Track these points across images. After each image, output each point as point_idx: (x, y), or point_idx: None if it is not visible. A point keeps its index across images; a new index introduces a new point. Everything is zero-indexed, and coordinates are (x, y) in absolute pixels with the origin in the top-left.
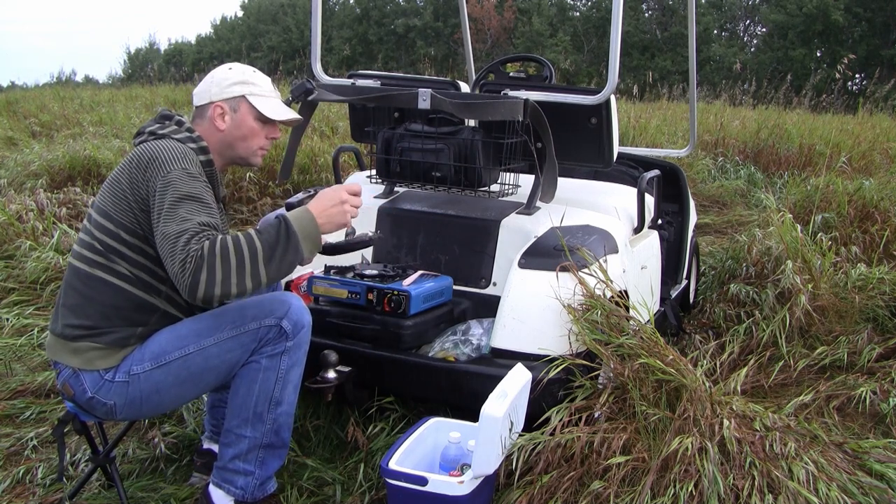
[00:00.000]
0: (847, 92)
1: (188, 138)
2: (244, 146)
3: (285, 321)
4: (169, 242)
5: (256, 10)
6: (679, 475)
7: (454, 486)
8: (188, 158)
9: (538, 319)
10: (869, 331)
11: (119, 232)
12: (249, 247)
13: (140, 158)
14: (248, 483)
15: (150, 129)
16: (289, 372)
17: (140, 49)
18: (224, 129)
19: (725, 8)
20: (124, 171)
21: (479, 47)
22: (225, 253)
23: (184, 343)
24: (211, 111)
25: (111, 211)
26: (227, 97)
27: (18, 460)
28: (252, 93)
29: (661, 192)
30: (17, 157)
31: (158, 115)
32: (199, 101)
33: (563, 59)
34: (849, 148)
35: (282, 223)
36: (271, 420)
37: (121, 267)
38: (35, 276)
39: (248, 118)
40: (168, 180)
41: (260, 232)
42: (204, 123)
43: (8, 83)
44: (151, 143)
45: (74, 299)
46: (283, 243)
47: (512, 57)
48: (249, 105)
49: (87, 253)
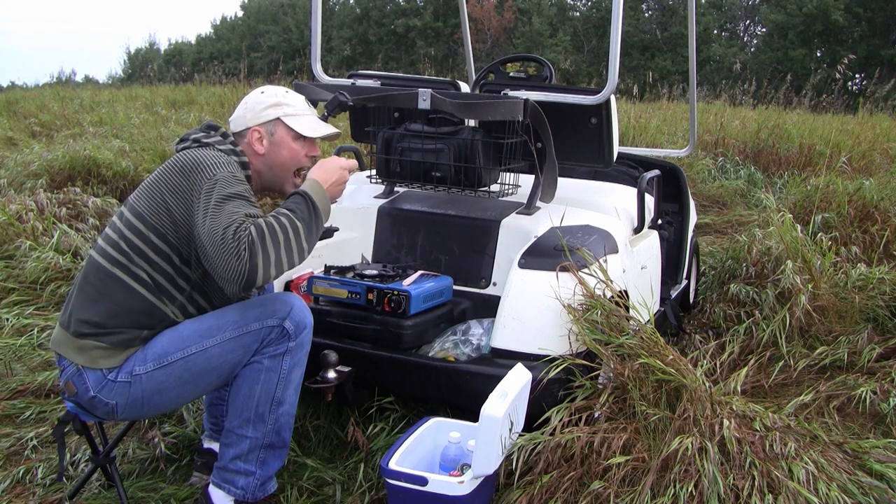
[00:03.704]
0: (847, 92)
1: (231, 151)
2: (283, 170)
3: (288, 322)
4: (216, 239)
5: (256, 10)
6: (679, 475)
7: (454, 486)
8: (233, 166)
9: (538, 319)
10: (869, 331)
11: (150, 235)
12: (291, 225)
13: (184, 164)
14: (248, 483)
15: (195, 136)
16: (291, 372)
17: (140, 49)
18: (264, 153)
19: (725, 8)
20: (164, 175)
21: (479, 47)
22: (273, 234)
23: (186, 344)
24: (249, 136)
25: (145, 213)
26: (262, 121)
27: (18, 460)
28: (286, 113)
29: (661, 192)
30: (17, 157)
31: (204, 124)
32: (235, 128)
33: (563, 59)
34: (849, 148)
35: (307, 199)
36: (273, 420)
37: (141, 270)
38: (35, 276)
39: (286, 139)
40: (215, 181)
41: (291, 209)
42: (244, 146)
43: (8, 83)
44: (195, 151)
45: (88, 293)
46: (314, 217)
47: (512, 57)
48: (286, 126)
49: (110, 250)
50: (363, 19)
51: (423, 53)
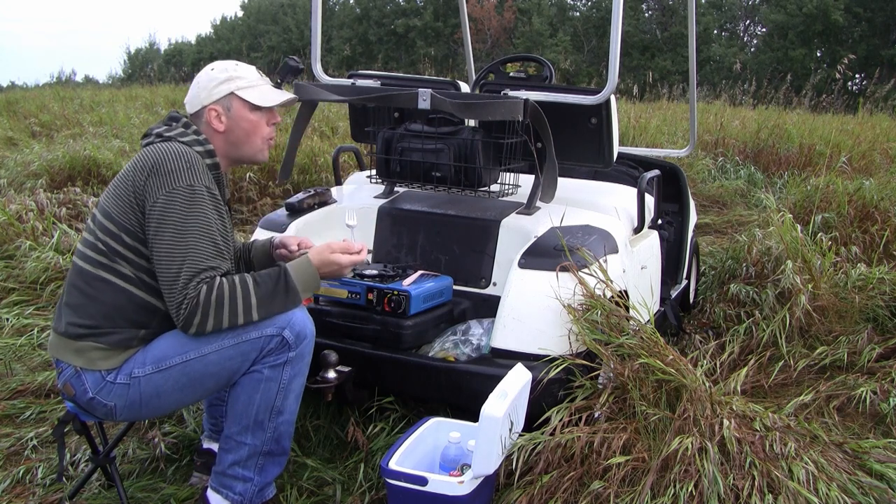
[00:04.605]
0: (847, 92)
1: (195, 141)
2: (249, 143)
3: (287, 331)
4: (168, 278)
5: (256, 10)
6: (679, 475)
7: (454, 486)
8: (194, 167)
9: (538, 319)
10: (869, 331)
11: (121, 234)
12: (244, 298)
13: (145, 162)
14: (246, 489)
15: (158, 130)
16: (291, 382)
17: (140, 49)
18: (224, 130)
19: (725, 8)
20: (129, 173)
21: (479, 47)
22: (220, 301)
23: (185, 349)
24: (206, 115)
25: (113, 212)
26: (217, 98)
27: (18, 460)
28: (240, 87)
29: (661, 192)
30: (17, 157)
31: (167, 116)
32: (191, 108)
33: (563, 59)
34: (849, 148)
35: (282, 277)
36: (272, 429)
37: (124, 268)
38: (35, 276)
39: (243, 112)
40: (171, 199)
41: (258, 283)
42: (203, 128)
43: (8, 83)
44: (158, 146)
45: (77, 299)
46: (282, 295)
47: (512, 57)
48: (241, 100)
49: (90, 253)
50: (363, 19)
51: (423, 53)
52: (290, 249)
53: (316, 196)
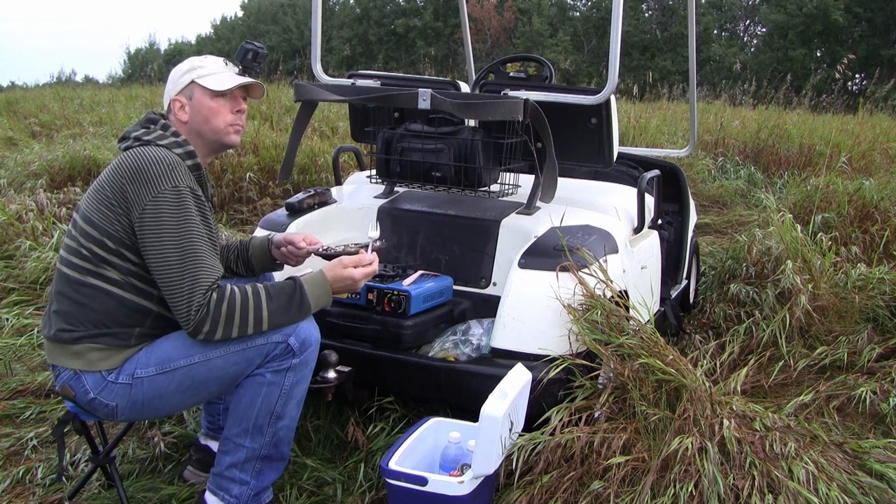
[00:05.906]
0: (847, 92)
1: (174, 143)
2: (210, 128)
3: (293, 338)
4: (172, 285)
5: (256, 10)
6: (679, 475)
7: (454, 486)
8: (176, 169)
9: (538, 319)
10: (869, 331)
11: (104, 239)
12: (256, 311)
13: (125, 167)
14: (242, 492)
15: (136, 134)
16: (293, 388)
17: (140, 49)
18: (187, 120)
19: (725, 8)
20: (108, 178)
21: (479, 47)
22: (231, 312)
23: (190, 353)
24: (172, 107)
25: (94, 218)
26: (180, 89)
27: (18, 460)
28: (200, 75)
29: (661, 192)
30: (17, 157)
31: (144, 118)
32: (165, 104)
33: (563, 59)
34: (849, 148)
35: (297, 292)
36: (271, 433)
37: (111, 273)
38: (35, 276)
39: (203, 100)
40: (158, 205)
41: (272, 296)
42: (172, 121)
43: (8, 83)
44: (137, 151)
45: (66, 306)
46: (295, 310)
47: (512, 57)
48: (201, 87)
49: (75, 260)
50: (363, 19)
51: (423, 53)
52: (298, 246)
53: (316, 196)
